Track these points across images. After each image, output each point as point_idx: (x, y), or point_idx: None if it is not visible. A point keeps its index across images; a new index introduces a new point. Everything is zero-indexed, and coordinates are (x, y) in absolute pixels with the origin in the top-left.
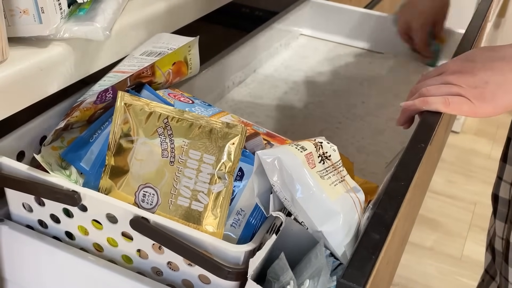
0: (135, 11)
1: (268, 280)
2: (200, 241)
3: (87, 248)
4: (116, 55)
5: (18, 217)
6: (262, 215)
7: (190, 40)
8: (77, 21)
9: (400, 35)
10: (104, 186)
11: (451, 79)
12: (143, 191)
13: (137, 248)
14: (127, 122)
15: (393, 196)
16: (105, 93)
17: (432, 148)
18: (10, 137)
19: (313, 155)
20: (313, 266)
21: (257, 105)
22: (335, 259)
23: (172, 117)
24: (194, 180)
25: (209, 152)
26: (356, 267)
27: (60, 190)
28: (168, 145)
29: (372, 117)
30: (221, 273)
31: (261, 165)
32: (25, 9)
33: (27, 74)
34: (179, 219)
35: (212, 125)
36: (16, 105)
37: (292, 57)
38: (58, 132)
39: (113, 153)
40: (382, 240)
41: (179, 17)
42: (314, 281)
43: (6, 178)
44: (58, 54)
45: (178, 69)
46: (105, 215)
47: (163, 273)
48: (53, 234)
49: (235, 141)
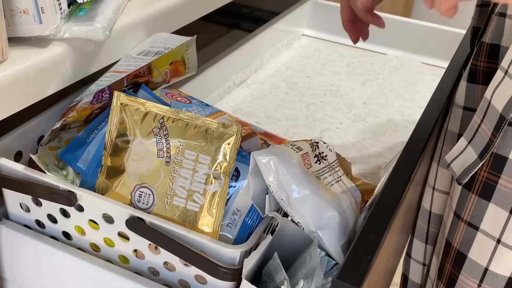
0: (135, 11)
1: (263, 280)
2: (196, 242)
3: (84, 248)
4: (116, 55)
5: (16, 217)
6: (258, 215)
7: (187, 39)
8: (77, 21)
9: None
10: (100, 186)
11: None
12: (139, 191)
13: (134, 248)
14: (123, 122)
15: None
16: (102, 93)
17: (430, 149)
18: (8, 137)
19: (309, 155)
20: (307, 266)
21: (258, 105)
22: (331, 259)
23: (168, 117)
24: (189, 180)
25: (205, 152)
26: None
27: (57, 190)
28: (164, 145)
29: (373, 117)
30: (216, 273)
31: (256, 165)
32: (25, 9)
33: (27, 74)
34: (175, 219)
35: (208, 125)
36: (16, 105)
37: (293, 58)
38: (55, 132)
39: (109, 153)
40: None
41: (179, 17)
42: (308, 281)
43: (3, 178)
44: (58, 54)
45: (176, 69)
46: (101, 215)
47: (160, 273)
48: (51, 234)
49: (230, 141)
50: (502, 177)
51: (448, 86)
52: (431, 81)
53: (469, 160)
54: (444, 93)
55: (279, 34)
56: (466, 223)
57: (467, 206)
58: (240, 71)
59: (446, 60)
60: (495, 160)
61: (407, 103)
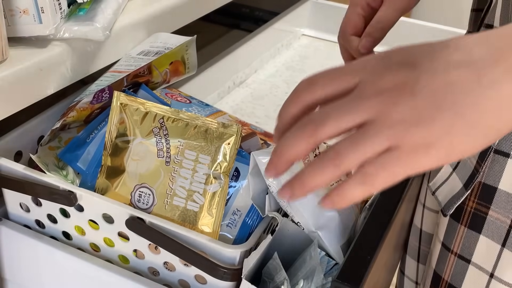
0: (135, 11)
1: (263, 280)
2: (196, 242)
3: (84, 248)
4: (116, 55)
5: (16, 217)
6: (258, 215)
7: (187, 39)
8: (77, 21)
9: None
10: (100, 186)
11: (377, 114)
12: (139, 191)
13: (134, 248)
14: (123, 122)
15: (390, 197)
16: (102, 93)
17: None
18: (8, 137)
19: (309, 155)
20: (307, 266)
21: (257, 105)
22: (331, 259)
23: (168, 117)
24: (189, 180)
25: (205, 152)
26: (351, 268)
27: (57, 190)
28: (164, 145)
29: None
30: (216, 273)
31: (256, 165)
32: (25, 9)
33: (27, 74)
34: (175, 219)
35: (208, 125)
36: (16, 105)
37: (293, 58)
38: (54, 132)
39: (109, 153)
40: (378, 241)
41: (179, 17)
42: (308, 281)
43: (3, 178)
44: (58, 54)
45: (176, 69)
46: (101, 215)
47: (160, 273)
48: (51, 234)
49: (230, 141)
50: (492, 208)
51: None
52: None
53: (455, 189)
54: None
55: (279, 34)
56: (456, 256)
57: (457, 238)
58: (240, 71)
59: None
60: (484, 190)
61: None
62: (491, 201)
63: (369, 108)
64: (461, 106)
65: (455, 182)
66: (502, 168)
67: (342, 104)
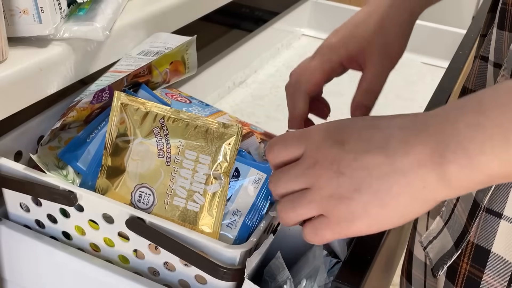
0: (135, 11)
1: (264, 280)
2: (196, 242)
3: (84, 248)
4: (116, 55)
5: (16, 217)
6: (258, 215)
7: (187, 39)
8: (77, 21)
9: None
10: (100, 186)
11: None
12: (139, 191)
13: (134, 248)
14: (124, 122)
15: None
16: (102, 93)
17: None
18: (8, 137)
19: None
20: (311, 265)
21: (257, 105)
22: (334, 257)
23: (168, 117)
24: (190, 180)
25: (205, 152)
26: (351, 268)
27: (57, 190)
28: (164, 145)
29: None
30: (216, 273)
31: None
32: (25, 9)
33: (27, 74)
34: (175, 219)
35: (208, 125)
36: (15, 105)
37: (293, 58)
38: (54, 132)
39: (109, 153)
40: (378, 241)
41: (179, 17)
42: (311, 281)
43: (3, 178)
44: (57, 54)
45: (176, 69)
46: (101, 215)
47: (160, 273)
48: (51, 234)
49: (231, 141)
50: (486, 272)
51: (448, 86)
52: (431, 81)
53: (446, 246)
54: (444, 93)
55: (279, 34)
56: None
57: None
58: (240, 71)
59: (446, 60)
60: (476, 252)
61: (407, 103)
62: (485, 265)
63: (308, 178)
64: (377, 190)
65: (446, 238)
66: (494, 229)
67: (289, 171)
